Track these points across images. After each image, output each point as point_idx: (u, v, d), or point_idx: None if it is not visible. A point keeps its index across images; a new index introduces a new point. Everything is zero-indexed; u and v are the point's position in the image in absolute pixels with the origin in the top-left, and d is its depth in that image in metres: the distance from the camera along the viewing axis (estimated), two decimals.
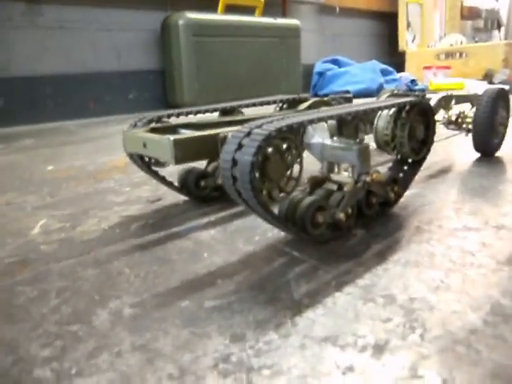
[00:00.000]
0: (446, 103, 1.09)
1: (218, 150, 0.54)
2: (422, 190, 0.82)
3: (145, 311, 0.46)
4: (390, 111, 0.74)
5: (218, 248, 0.61)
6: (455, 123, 1.13)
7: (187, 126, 0.67)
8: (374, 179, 0.63)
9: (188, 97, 2.33)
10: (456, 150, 1.19)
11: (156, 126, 0.64)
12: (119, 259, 0.59)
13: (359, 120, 0.62)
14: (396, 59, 3.38)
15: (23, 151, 1.46)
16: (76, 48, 2.21)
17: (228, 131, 0.52)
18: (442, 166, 1.01)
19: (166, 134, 0.61)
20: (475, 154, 1.06)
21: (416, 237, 0.61)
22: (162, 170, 0.79)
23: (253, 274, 0.53)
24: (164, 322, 0.44)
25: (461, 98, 1.14)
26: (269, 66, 2.53)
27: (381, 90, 1.56)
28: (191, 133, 0.59)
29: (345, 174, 0.65)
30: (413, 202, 0.76)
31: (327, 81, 2.84)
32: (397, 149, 0.74)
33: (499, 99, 1.02)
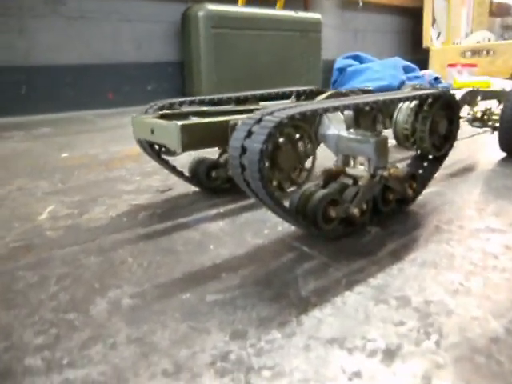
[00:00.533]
0: (471, 99, 1.04)
1: (228, 138, 0.51)
2: (442, 189, 0.78)
3: (144, 302, 0.44)
4: (411, 104, 0.70)
5: (225, 240, 0.59)
6: (480, 120, 1.07)
7: (199, 114, 0.65)
8: (392, 174, 0.60)
9: (206, 89, 2.31)
10: (480, 148, 1.13)
11: (166, 112, 0.62)
12: (123, 248, 0.57)
13: (377, 111, 0.58)
14: (419, 56, 3.28)
15: (40, 139, 1.47)
16: (96, 38, 2.21)
17: (239, 119, 0.50)
18: (465, 164, 0.96)
19: (175, 120, 0.59)
20: (500, 154, 1.01)
21: (435, 236, 0.58)
22: (174, 160, 0.77)
23: (259, 269, 0.51)
24: (163, 314, 0.42)
25: (487, 94, 1.08)
26: (288, 60, 2.48)
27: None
28: (200, 119, 0.57)
29: (361, 168, 0.62)
30: (432, 200, 0.72)
31: (348, 77, 2.78)
32: (417, 144, 0.70)
33: None
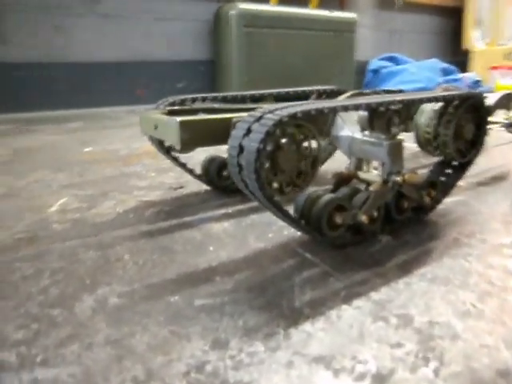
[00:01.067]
0: (508, 102, 0.96)
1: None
2: (468, 198, 0.72)
3: (131, 302, 0.42)
4: (436, 106, 0.65)
5: (226, 242, 0.57)
6: None
7: (208, 111, 0.63)
8: (407, 180, 0.55)
9: (236, 88, 2.30)
10: None
11: (174, 108, 0.61)
12: (122, 244, 0.56)
13: (393, 112, 0.54)
14: (459, 58, 3.13)
15: (68, 133, 1.51)
16: (130, 36, 2.26)
17: (243, 116, 0.47)
18: (497, 172, 0.89)
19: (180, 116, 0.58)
20: None
21: (451, 250, 0.53)
22: (191, 157, 0.75)
23: (256, 274, 0.48)
24: (147, 316, 0.40)
25: None
26: (320, 60, 2.43)
27: None
28: (202, 116, 0.55)
29: (374, 173, 0.58)
30: (455, 210, 0.67)
31: (381, 79, 2.70)
32: (439, 149, 0.65)
33: None
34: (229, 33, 2.22)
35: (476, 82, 2.53)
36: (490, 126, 0.68)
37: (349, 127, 0.59)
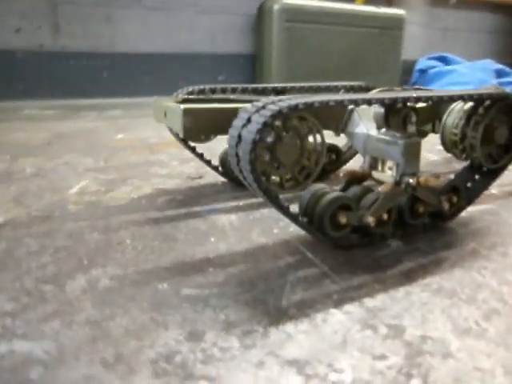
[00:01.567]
0: None
1: None
2: (497, 207, 0.67)
3: (120, 286, 0.43)
4: (465, 105, 0.61)
5: (229, 234, 0.56)
6: None
7: (223, 101, 0.62)
8: (423, 183, 0.52)
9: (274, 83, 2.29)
10: None
11: (189, 97, 0.60)
12: (127, 229, 0.57)
13: (410, 109, 0.50)
14: None
15: (108, 120, 1.57)
16: (174, 29, 2.30)
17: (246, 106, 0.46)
18: None
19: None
20: None
21: (465, 261, 0.49)
22: (209, 149, 0.75)
23: (250, 269, 0.47)
24: (132, 301, 0.40)
25: None
26: (364, 58, 2.35)
27: None
28: (209, 104, 0.54)
29: (389, 173, 0.55)
30: (480, 219, 0.62)
31: (429, 79, 2.56)
32: (466, 152, 0.60)
33: None
34: (270, 27, 2.20)
35: None
36: None
37: (365, 124, 0.56)
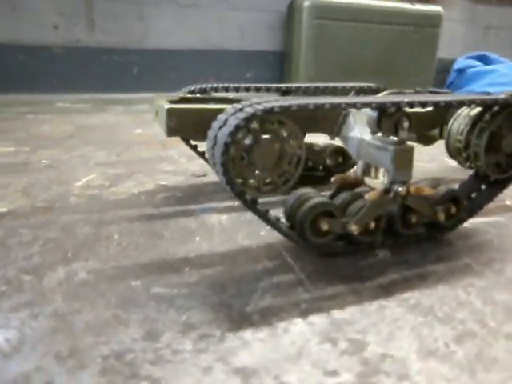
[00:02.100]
0: None
1: None
2: (505, 220, 0.63)
3: (95, 280, 0.44)
4: (472, 111, 0.57)
5: (215, 235, 0.56)
6: None
7: (221, 101, 0.62)
8: (414, 192, 0.49)
9: (302, 82, 2.26)
10: None
11: (186, 96, 0.61)
12: (119, 224, 0.58)
13: (402, 114, 0.48)
14: None
15: (132, 114, 1.61)
16: (204, 25, 2.33)
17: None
18: None
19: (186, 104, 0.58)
20: None
21: (454, 277, 0.46)
22: None
23: (225, 271, 0.47)
24: (101, 296, 0.41)
25: None
26: (396, 57, 2.28)
27: None
28: (195, 105, 0.54)
29: (381, 180, 0.53)
30: (483, 231, 0.58)
31: (467, 79, 2.44)
32: (470, 160, 0.57)
33: None
34: (299, 24, 2.17)
35: None
36: None
37: (359, 128, 0.54)
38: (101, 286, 0.43)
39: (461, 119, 0.59)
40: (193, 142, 0.74)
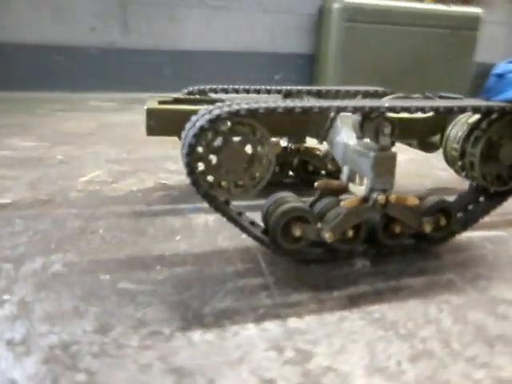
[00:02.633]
0: None
1: None
2: (507, 235, 0.59)
3: (68, 272, 0.45)
4: (471, 118, 0.54)
5: (196, 235, 0.56)
6: None
7: (209, 102, 0.63)
8: (394, 201, 0.47)
9: (331, 85, 2.23)
10: None
11: (180, 97, 0.62)
12: (108, 219, 0.60)
13: (383, 120, 0.46)
14: None
15: None
16: (235, 27, 2.35)
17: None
18: None
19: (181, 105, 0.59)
20: None
21: (431, 293, 0.44)
22: None
23: (195, 271, 0.47)
24: (69, 287, 0.43)
25: None
26: (430, 61, 2.19)
27: None
28: (174, 106, 0.54)
29: (363, 187, 0.51)
30: (479, 246, 0.55)
31: (506, 84, 2.31)
32: (466, 170, 0.54)
33: None
34: (329, 27, 2.15)
35: None
36: None
37: (345, 133, 0.53)
38: (71, 278, 0.44)
39: (459, 126, 0.56)
40: None
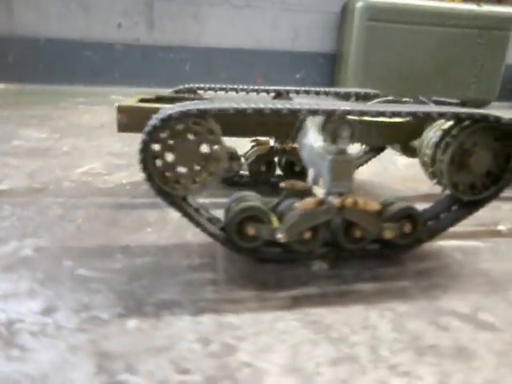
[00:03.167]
0: None
1: None
2: (483, 246, 0.57)
3: (35, 257, 0.49)
4: (446, 124, 0.53)
5: (167, 228, 0.59)
6: None
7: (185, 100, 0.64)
8: (350, 206, 0.47)
9: (351, 85, 2.20)
10: None
11: (162, 95, 0.64)
12: (87, 210, 0.63)
13: (342, 123, 0.46)
14: None
15: None
16: (257, 26, 2.36)
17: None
18: None
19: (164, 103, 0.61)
20: None
21: (378, 299, 0.44)
22: None
23: (152, 263, 0.49)
24: (32, 271, 0.46)
25: None
26: (457, 63, 2.11)
27: None
28: (144, 104, 0.56)
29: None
30: (447, 255, 0.54)
31: None
32: (437, 177, 0.53)
33: None
34: (351, 26, 2.11)
35: None
36: None
37: (312, 134, 0.53)
38: (36, 262, 0.48)
39: (433, 132, 0.55)
40: None
